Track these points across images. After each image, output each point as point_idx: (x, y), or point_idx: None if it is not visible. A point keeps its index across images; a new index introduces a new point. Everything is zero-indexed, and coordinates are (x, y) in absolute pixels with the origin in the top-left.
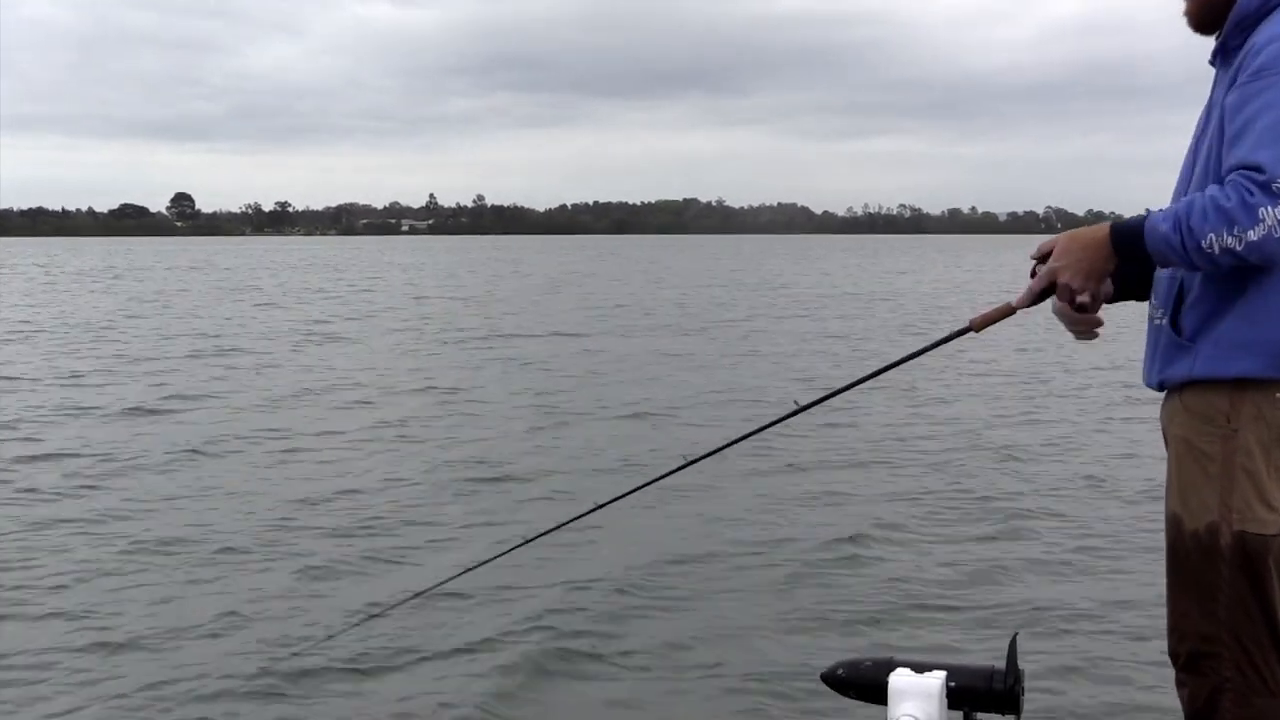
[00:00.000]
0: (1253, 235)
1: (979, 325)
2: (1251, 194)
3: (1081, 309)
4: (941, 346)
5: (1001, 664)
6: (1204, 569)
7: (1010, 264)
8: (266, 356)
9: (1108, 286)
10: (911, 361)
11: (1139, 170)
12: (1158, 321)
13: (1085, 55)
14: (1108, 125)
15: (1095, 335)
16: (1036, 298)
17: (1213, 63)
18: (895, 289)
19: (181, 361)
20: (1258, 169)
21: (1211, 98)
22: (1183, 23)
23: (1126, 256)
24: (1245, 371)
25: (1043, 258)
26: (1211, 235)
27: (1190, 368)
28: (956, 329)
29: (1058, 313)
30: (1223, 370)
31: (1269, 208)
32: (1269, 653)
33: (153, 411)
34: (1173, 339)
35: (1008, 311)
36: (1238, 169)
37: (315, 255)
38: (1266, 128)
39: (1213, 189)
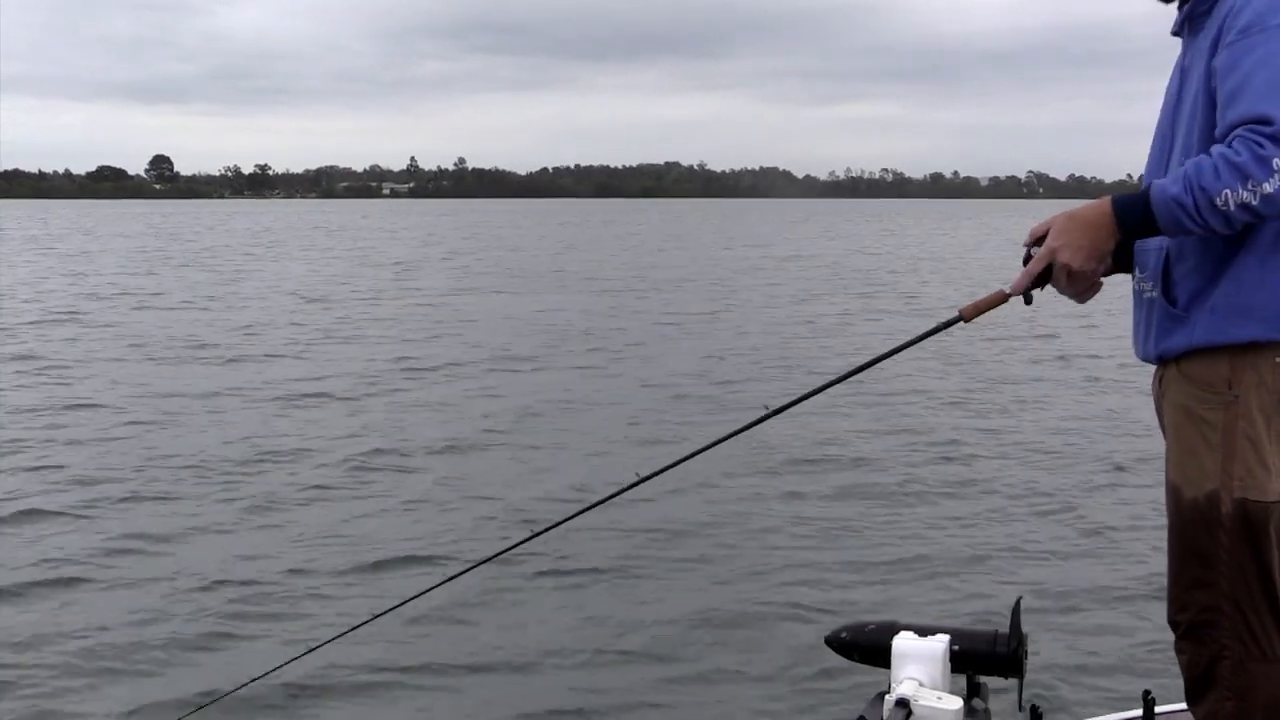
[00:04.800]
0: (1268, 187)
1: (970, 314)
2: (1262, 146)
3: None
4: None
5: (1005, 628)
6: (1204, 537)
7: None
8: None
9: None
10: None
11: (1119, 135)
12: (1148, 295)
13: (1062, 19)
14: (1088, 91)
15: (1095, 292)
16: (1034, 282)
17: (1176, 33)
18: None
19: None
20: (1266, 121)
21: (1182, 65)
22: None
23: (1131, 230)
24: (1249, 336)
25: (1036, 242)
26: (1226, 192)
27: (1190, 337)
28: (946, 319)
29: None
30: (1225, 336)
31: None
32: (1268, 621)
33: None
34: (1167, 310)
35: (1000, 298)
36: (1243, 124)
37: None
38: (1267, 81)
39: (1219, 148)
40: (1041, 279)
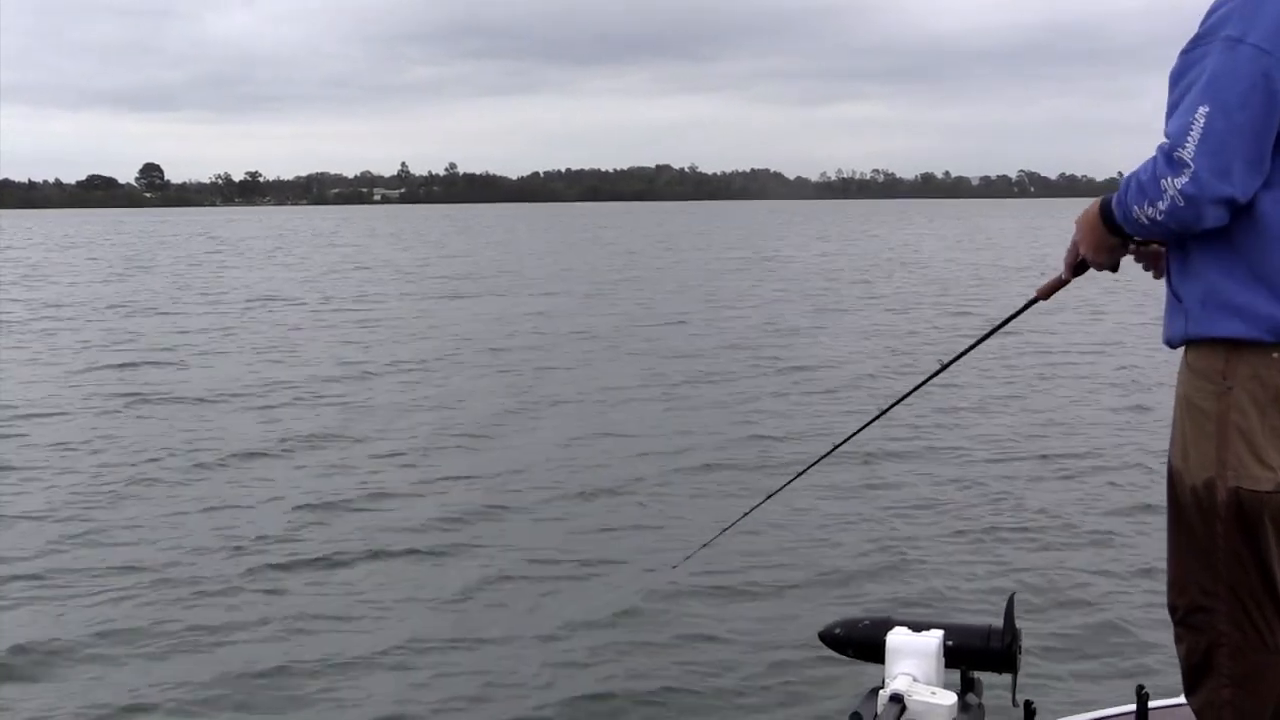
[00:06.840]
0: (1162, 205)
1: (1044, 294)
2: (1158, 165)
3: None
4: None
5: (999, 623)
6: (1201, 524)
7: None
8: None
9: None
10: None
11: (1111, 133)
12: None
13: (1054, 17)
14: (1079, 88)
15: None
16: (1075, 270)
17: None
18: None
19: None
20: (1168, 138)
21: None
22: None
23: (1113, 230)
24: (1235, 333)
25: None
26: (1136, 208)
27: (1185, 327)
28: (1026, 301)
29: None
30: (1213, 330)
31: (1169, 178)
32: (1266, 609)
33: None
34: (1169, 297)
35: (1062, 281)
36: (1164, 141)
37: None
38: (1186, 100)
39: (1142, 163)
40: (1079, 267)
